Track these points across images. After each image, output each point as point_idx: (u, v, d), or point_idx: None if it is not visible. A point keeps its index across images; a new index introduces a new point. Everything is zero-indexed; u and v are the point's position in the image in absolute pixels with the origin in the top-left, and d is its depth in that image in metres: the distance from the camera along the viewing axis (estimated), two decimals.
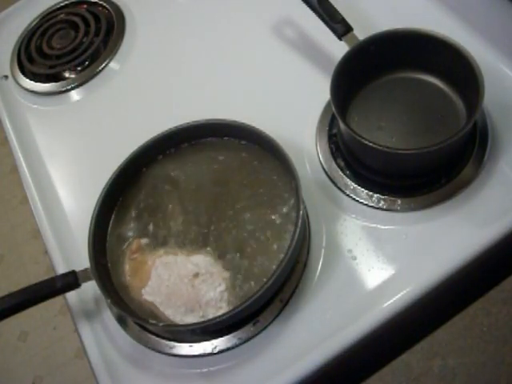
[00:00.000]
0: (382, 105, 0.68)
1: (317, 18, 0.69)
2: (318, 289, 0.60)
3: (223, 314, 0.54)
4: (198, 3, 0.92)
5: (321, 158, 0.69)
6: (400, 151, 0.60)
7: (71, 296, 0.66)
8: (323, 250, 0.62)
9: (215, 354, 0.59)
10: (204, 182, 0.67)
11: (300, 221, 0.57)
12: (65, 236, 0.73)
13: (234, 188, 0.65)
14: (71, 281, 0.61)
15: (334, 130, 0.70)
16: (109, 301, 0.58)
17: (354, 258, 0.61)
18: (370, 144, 0.58)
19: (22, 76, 0.93)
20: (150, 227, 0.65)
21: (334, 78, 0.63)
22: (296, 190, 0.59)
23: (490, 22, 0.73)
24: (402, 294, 0.57)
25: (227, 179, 0.66)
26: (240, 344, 0.59)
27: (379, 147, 0.58)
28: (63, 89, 0.89)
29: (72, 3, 1.02)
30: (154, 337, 0.61)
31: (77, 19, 0.97)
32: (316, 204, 0.65)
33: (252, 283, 0.58)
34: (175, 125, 0.69)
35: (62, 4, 1.02)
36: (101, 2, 0.99)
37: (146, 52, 0.90)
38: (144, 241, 0.64)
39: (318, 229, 0.64)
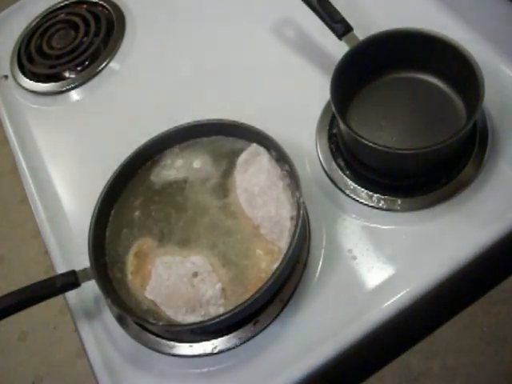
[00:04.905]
0: (381, 105, 0.68)
1: (317, 17, 0.69)
2: (318, 289, 0.60)
3: (223, 314, 0.54)
4: (198, 3, 0.92)
5: (321, 158, 0.69)
6: (400, 151, 0.60)
7: (71, 296, 0.66)
8: (323, 250, 0.62)
9: (215, 354, 0.59)
10: (204, 182, 0.67)
11: (300, 221, 0.57)
12: (65, 236, 0.73)
13: (233, 187, 0.65)
14: (71, 280, 0.61)
15: (334, 130, 0.70)
16: (109, 300, 0.58)
17: (354, 258, 0.61)
18: (370, 144, 0.58)
19: (22, 76, 0.93)
20: (150, 227, 0.65)
21: (334, 78, 0.63)
22: (296, 189, 0.59)
23: (490, 21, 0.73)
24: (401, 293, 0.57)
25: (227, 179, 0.66)
26: (240, 344, 0.59)
27: (379, 147, 0.58)
28: (63, 89, 0.89)
29: (72, 3, 1.02)
30: (153, 337, 0.61)
31: (77, 19, 0.97)
32: (316, 204, 0.65)
33: (249, 278, 0.58)
34: (175, 125, 0.69)
35: (61, 4, 1.02)
36: (101, 2, 0.99)
37: (145, 52, 0.90)
38: (148, 241, 0.64)
39: (318, 229, 0.64)
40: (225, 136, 0.69)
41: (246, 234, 0.61)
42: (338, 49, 0.67)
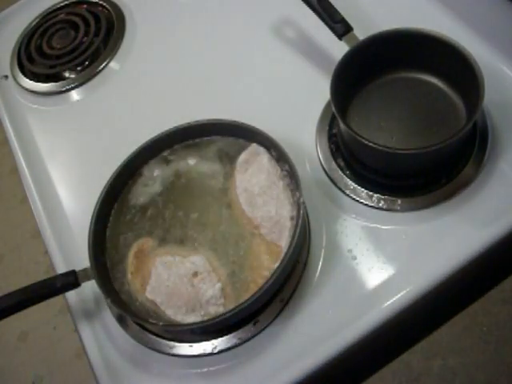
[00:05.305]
0: (381, 105, 0.68)
1: (317, 17, 0.69)
2: (318, 289, 0.60)
3: (223, 314, 0.54)
4: (198, 3, 0.92)
5: (321, 158, 0.69)
6: (400, 151, 0.60)
7: (71, 296, 0.66)
8: (323, 250, 0.62)
9: (215, 354, 0.59)
10: (204, 182, 0.67)
11: (300, 221, 0.57)
12: (65, 236, 0.73)
13: (233, 187, 0.65)
14: (71, 280, 0.61)
15: (334, 130, 0.70)
16: (109, 300, 0.58)
17: (354, 258, 0.61)
18: (370, 144, 0.58)
19: (22, 76, 0.93)
20: (150, 227, 0.65)
21: (334, 77, 0.63)
22: (296, 189, 0.59)
23: (490, 22, 0.73)
24: (401, 293, 0.57)
25: (227, 179, 0.66)
26: (240, 344, 0.59)
27: (379, 147, 0.58)
28: (63, 89, 0.89)
29: (72, 3, 1.02)
30: (154, 337, 0.61)
31: (77, 19, 0.97)
32: (316, 204, 0.65)
33: (249, 278, 0.58)
34: (175, 125, 0.69)
35: (61, 4, 1.02)
36: (101, 2, 0.99)
37: (145, 52, 0.90)
38: (148, 241, 0.64)
39: (318, 229, 0.64)
40: (225, 136, 0.69)
41: (245, 234, 0.61)
42: (338, 49, 0.67)
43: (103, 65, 0.90)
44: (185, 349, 0.60)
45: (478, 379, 1.30)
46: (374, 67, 0.68)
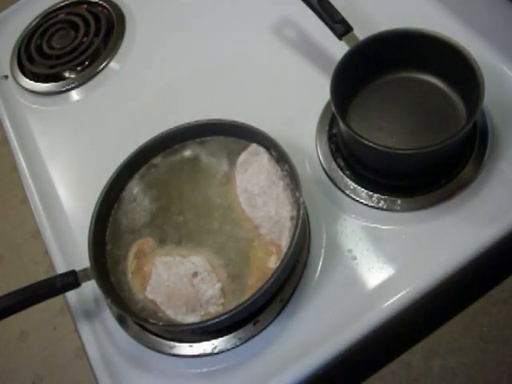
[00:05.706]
0: (381, 105, 0.68)
1: (317, 17, 0.69)
2: (318, 289, 0.60)
3: (223, 314, 0.54)
4: (198, 3, 0.93)
5: (321, 158, 0.69)
6: (400, 151, 0.60)
7: (71, 296, 0.66)
8: (323, 250, 0.62)
9: (215, 354, 0.59)
10: (203, 181, 0.67)
11: (300, 221, 0.57)
12: (65, 236, 0.73)
13: (233, 187, 0.65)
14: (71, 280, 0.61)
15: (334, 130, 0.70)
16: (109, 300, 0.58)
17: (354, 258, 0.61)
18: (370, 144, 0.58)
19: (22, 76, 0.93)
20: (150, 227, 0.65)
21: (334, 78, 0.63)
22: (296, 189, 0.59)
23: (490, 22, 0.73)
24: (401, 293, 0.57)
25: (227, 179, 0.66)
26: (240, 344, 0.59)
27: (379, 147, 0.58)
28: (63, 89, 0.89)
29: (72, 3, 1.02)
30: (154, 337, 0.61)
31: (77, 19, 0.97)
32: (316, 204, 0.65)
33: (249, 278, 0.58)
34: (175, 125, 0.69)
35: (61, 4, 1.02)
36: (101, 2, 0.99)
37: (145, 52, 0.90)
38: (148, 241, 0.64)
39: (318, 229, 0.64)
40: (225, 136, 0.69)
41: (245, 234, 0.61)
42: (338, 49, 0.67)
43: (103, 65, 0.90)
44: (185, 349, 0.60)
45: (478, 379, 1.30)
46: (374, 67, 0.68)
